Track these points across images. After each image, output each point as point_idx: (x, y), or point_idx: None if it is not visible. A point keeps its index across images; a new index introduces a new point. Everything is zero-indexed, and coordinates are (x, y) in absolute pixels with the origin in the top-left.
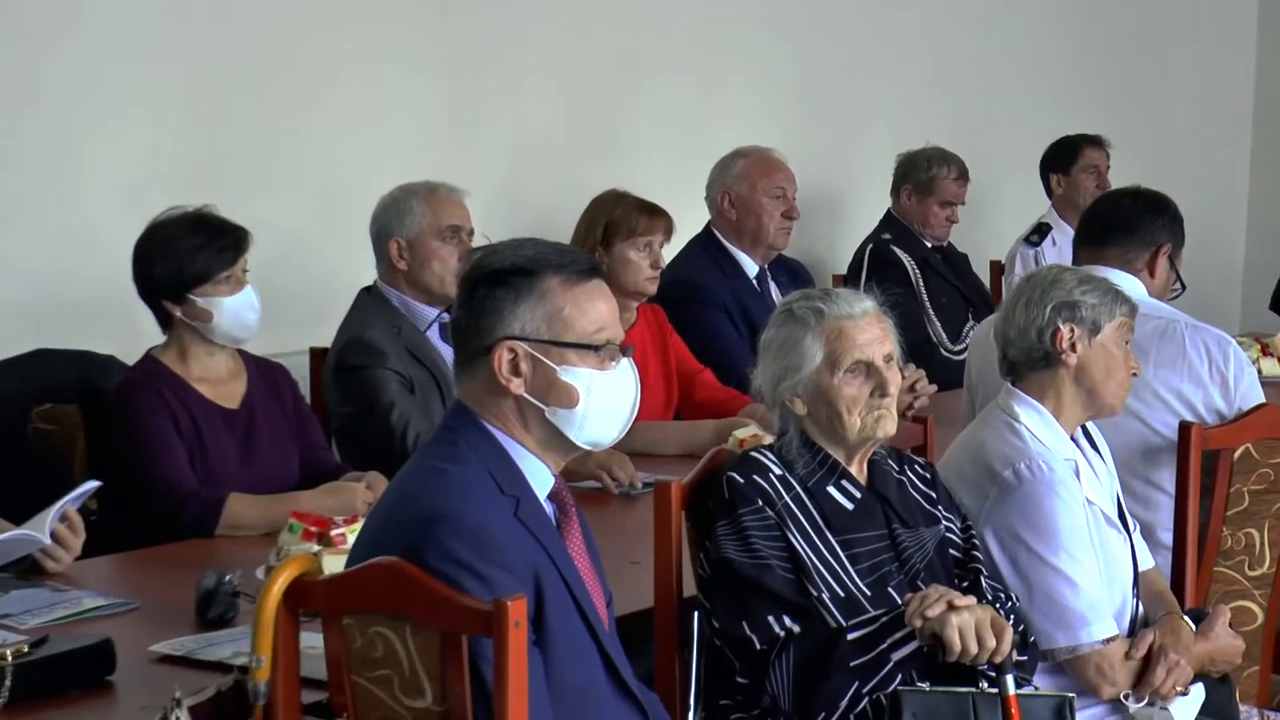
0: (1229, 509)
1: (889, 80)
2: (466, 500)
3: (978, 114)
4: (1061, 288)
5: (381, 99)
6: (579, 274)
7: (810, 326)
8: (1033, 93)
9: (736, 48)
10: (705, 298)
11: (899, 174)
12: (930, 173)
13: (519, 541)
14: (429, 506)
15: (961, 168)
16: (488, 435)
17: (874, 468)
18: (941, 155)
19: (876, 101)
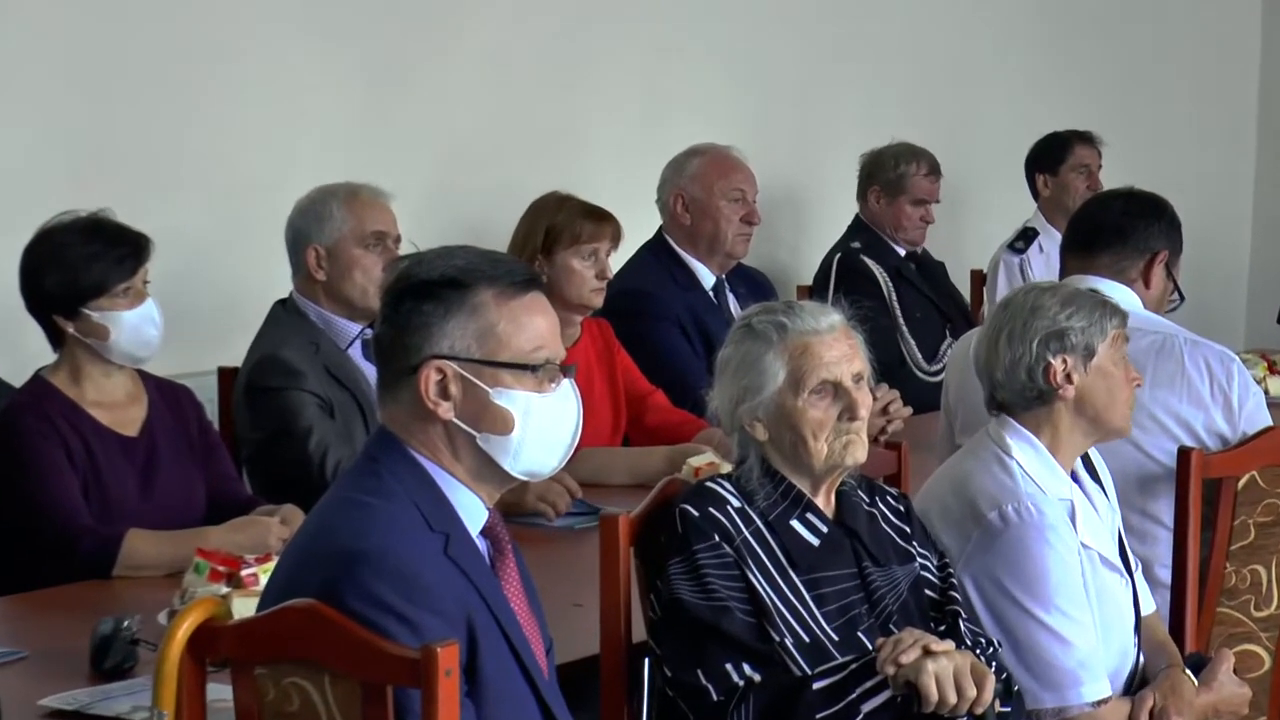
0: (1233, 543)
1: (859, 71)
2: (391, 536)
3: (958, 109)
4: (1044, 315)
5: (297, 91)
6: (515, 286)
7: (772, 343)
8: (1019, 85)
9: (690, 37)
10: (657, 311)
11: (864, 175)
12: (898, 170)
13: (449, 582)
14: (350, 543)
15: (932, 162)
16: (414, 464)
17: (842, 499)
18: (909, 151)
19: (845, 95)
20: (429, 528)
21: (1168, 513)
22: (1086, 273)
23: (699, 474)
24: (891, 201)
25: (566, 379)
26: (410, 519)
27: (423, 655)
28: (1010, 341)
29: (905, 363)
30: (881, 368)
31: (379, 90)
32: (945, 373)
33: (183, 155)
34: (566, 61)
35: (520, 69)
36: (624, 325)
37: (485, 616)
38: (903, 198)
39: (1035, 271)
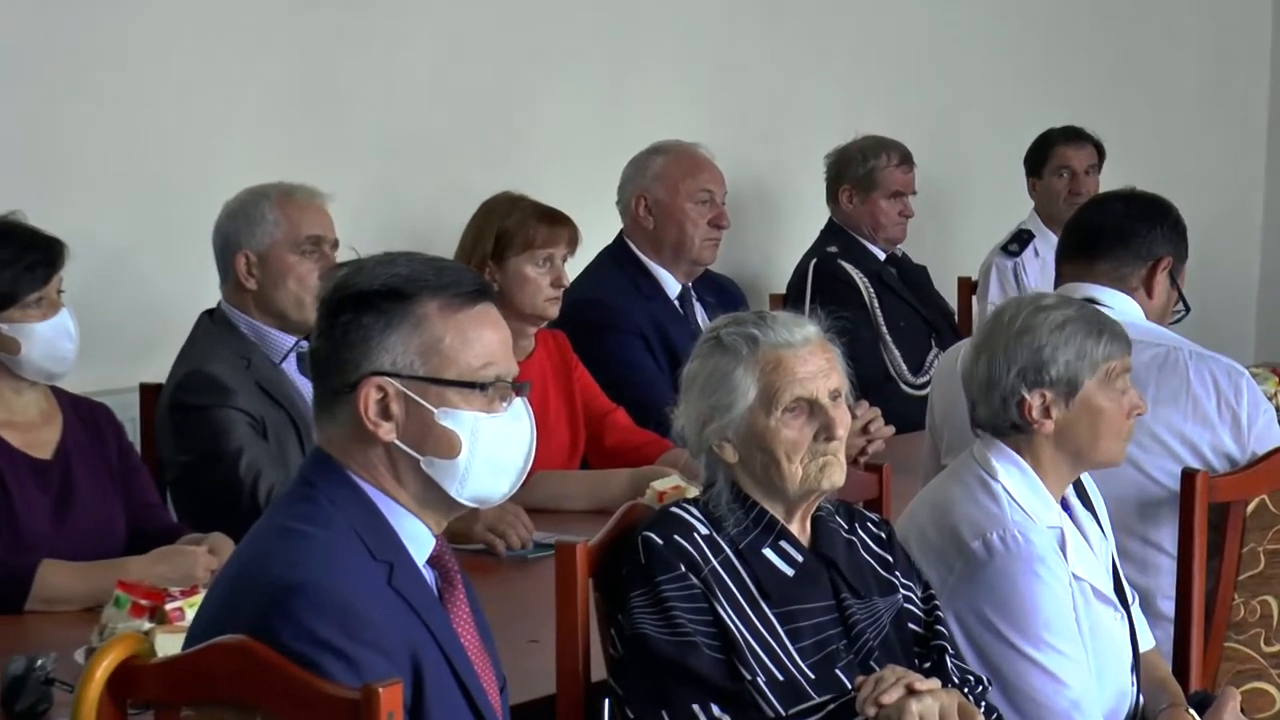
0: (1241, 572)
1: (834, 62)
2: (330, 567)
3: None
4: (1030, 339)
5: (224, 81)
6: (463, 296)
7: (742, 357)
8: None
9: (653, 26)
10: (617, 322)
11: (832, 176)
12: (867, 165)
13: (393, 616)
14: (284, 574)
15: (903, 152)
16: (354, 489)
17: (819, 526)
18: (876, 143)
19: (820, 88)
20: (371, 557)
21: (1171, 540)
22: (1083, 280)
23: (663, 498)
24: (865, 199)
25: (519, 398)
26: (350, 548)
27: (364, 695)
28: (991, 363)
29: (889, 377)
30: (862, 382)
31: (314, 82)
32: (930, 388)
33: (97, 152)
34: (519, 51)
35: (469, 58)
36: (582, 338)
37: (432, 653)
38: (876, 193)
39: (1030, 277)
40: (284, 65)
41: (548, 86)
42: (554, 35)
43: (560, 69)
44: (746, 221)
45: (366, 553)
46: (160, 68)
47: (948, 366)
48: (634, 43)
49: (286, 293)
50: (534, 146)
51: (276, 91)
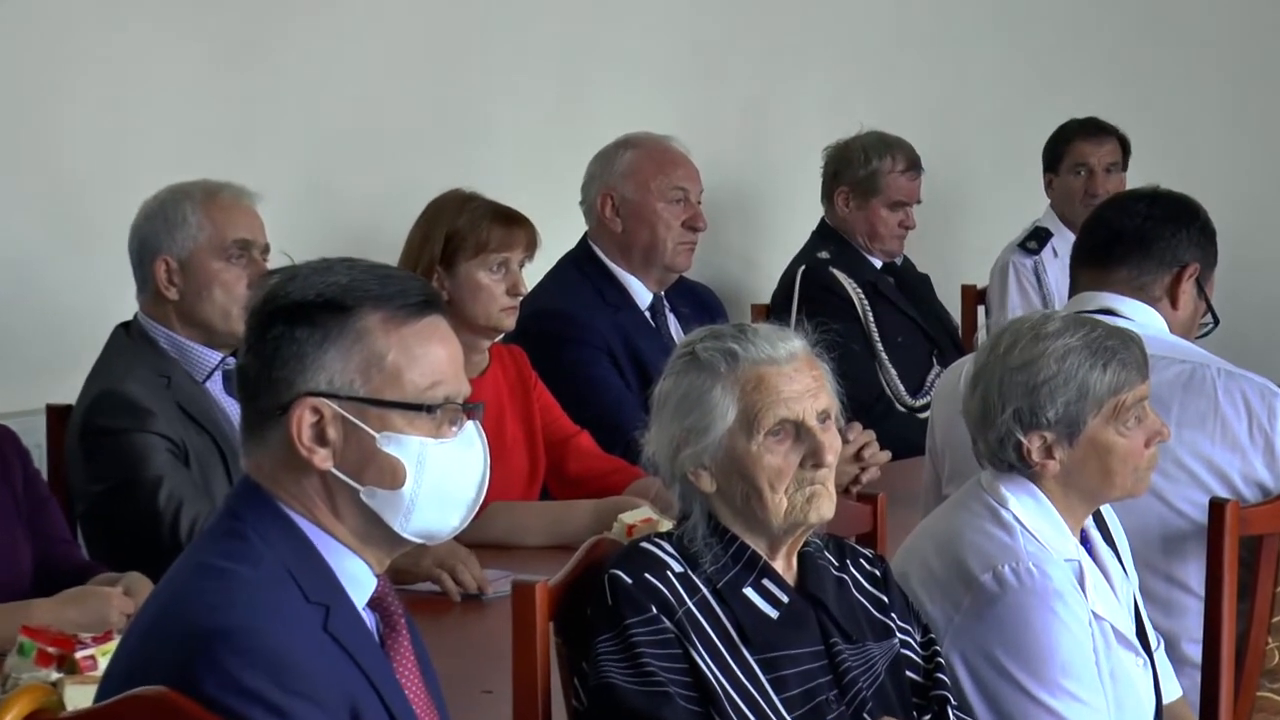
0: (1276, 614)
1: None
2: (259, 610)
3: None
4: (1026, 376)
5: (139, 69)
6: (408, 308)
7: (720, 374)
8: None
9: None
10: (581, 335)
11: (829, 173)
12: (870, 167)
13: (330, 664)
14: (208, 619)
15: (910, 156)
16: (286, 523)
17: (806, 563)
18: (881, 142)
19: (809, 75)
20: (305, 599)
21: (1197, 578)
22: (1100, 289)
23: (633, 532)
24: (863, 204)
25: (470, 421)
26: (282, 589)
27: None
28: (985, 399)
29: (883, 397)
30: (854, 404)
31: (243, 67)
32: (931, 409)
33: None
34: (472, 34)
35: (417, 41)
36: (542, 352)
37: (373, 705)
38: (876, 200)
39: (1052, 278)
40: (208, 47)
41: (503, 73)
42: (510, 15)
43: (517, 53)
44: (725, 223)
45: (300, 594)
46: (64, 48)
47: (949, 385)
48: (600, 26)
49: (211, 303)
50: (488, 139)
51: (200, 77)
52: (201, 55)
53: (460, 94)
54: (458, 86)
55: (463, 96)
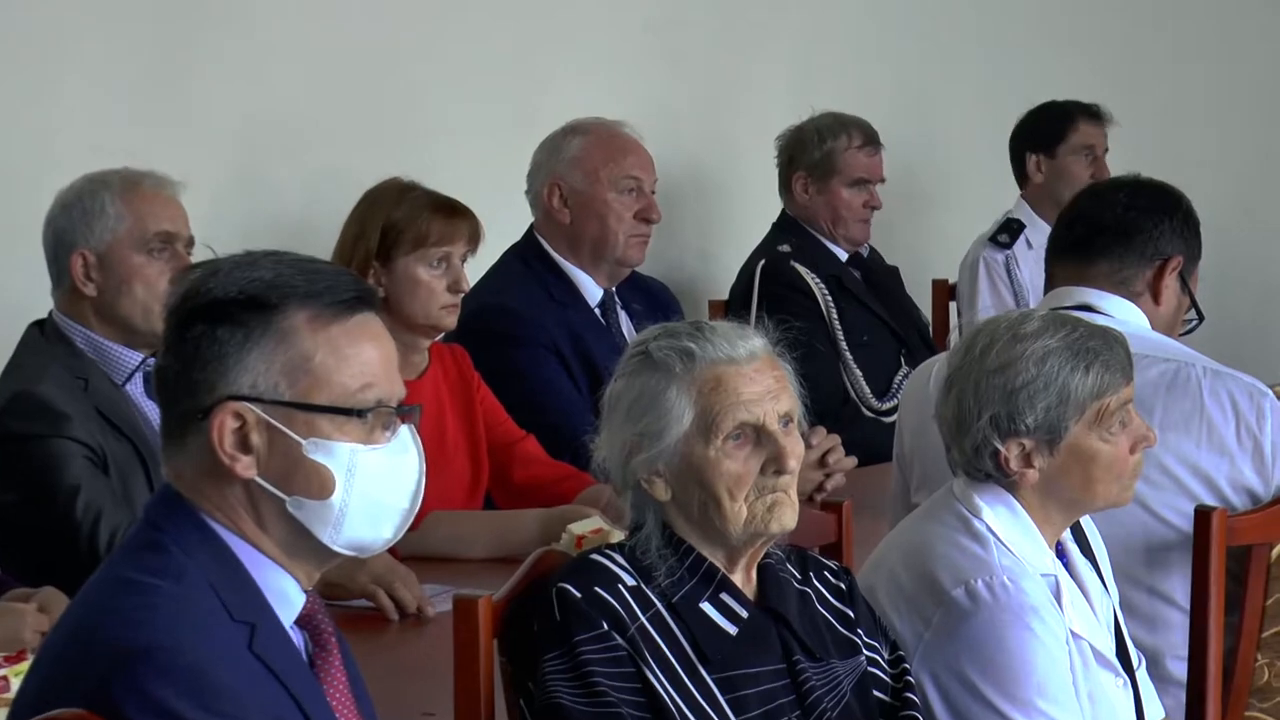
0: (1265, 629)
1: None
2: (180, 628)
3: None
4: (1003, 380)
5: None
6: (338, 305)
7: (675, 375)
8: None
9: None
10: (527, 334)
11: (784, 161)
12: (825, 147)
13: (255, 685)
14: (127, 637)
15: (867, 131)
16: (209, 535)
17: (767, 576)
18: (835, 122)
19: (771, 55)
20: (229, 616)
21: (1182, 591)
22: (1079, 284)
23: (582, 544)
24: (822, 188)
25: (405, 425)
26: (205, 605)
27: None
28: (961, 403)
29: (849, 399)
30: (818, 406)
31: (165, 48)
32: (899, 412)
33: None
34: (405, 13)
35: (349, 20)
36: (485, 352)
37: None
38: (835, 180)
39: (1025, 272)
40: (128, 26)
41: (443, 53)
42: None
43: (458, 32)
44: (681, 215)
45: (224, 611)
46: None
47: (919, 387)
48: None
49: (132, 300)
50: (427, 125)
51: (119, 59)
52: (122, 38)
53: (397, 76)
54: (394, 68)
55: (400, 78)
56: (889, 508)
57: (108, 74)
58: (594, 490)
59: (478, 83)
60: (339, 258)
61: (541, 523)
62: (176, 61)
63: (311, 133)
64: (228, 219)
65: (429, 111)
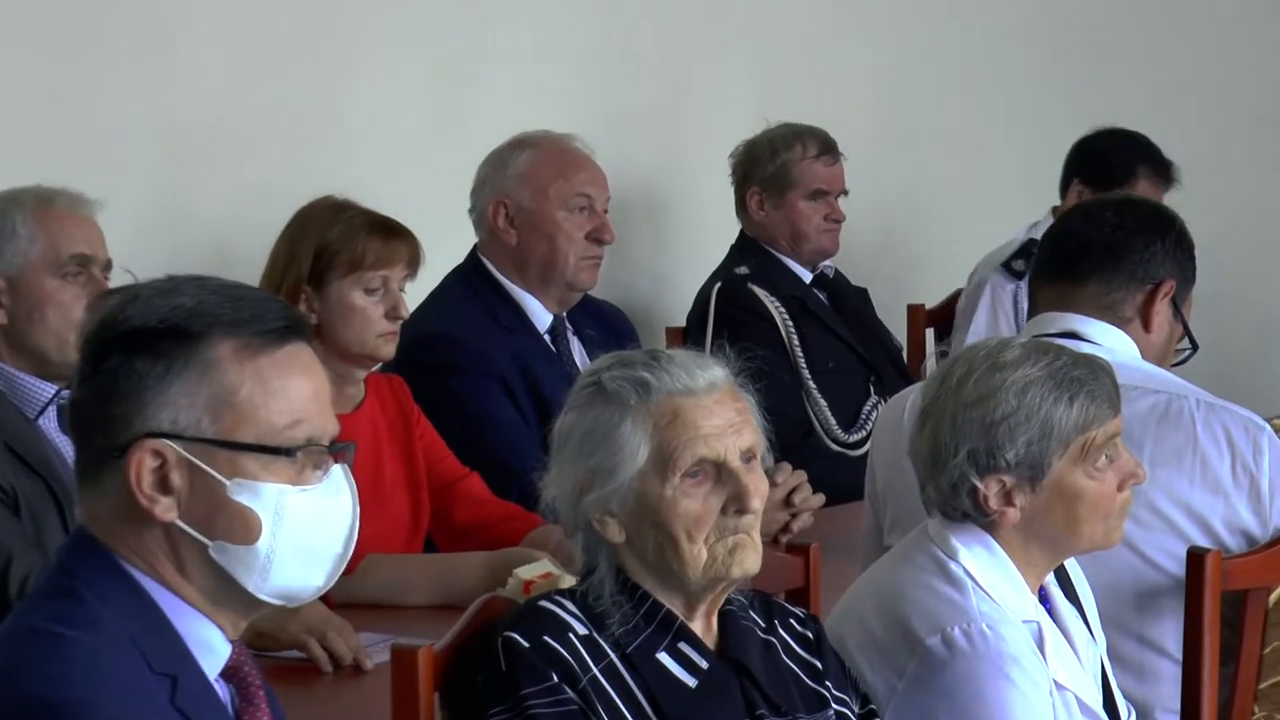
0: (1263, 680)
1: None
2: (96, 682)
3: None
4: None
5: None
6: (266, 335)
7: (630, 408)
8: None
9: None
10: (471, 364)
11: (738, 178)
12: (779, 160)
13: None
14: (38, 691)
15: (824, 140)
16: (127, 582)
17: (728, 624)
18: (788, 132)
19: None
20: (149, 669)
21: (1174, 639)
22: (1064, 308)
23: (530, 589)
24: (779, 202)
25: (338, 465)
26: (123, 657)
27: None
28: (936, 437)
29: (812, 431)
30: (782, 440)
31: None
32: (870, 447)
33: None
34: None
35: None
36: (426, 383)
37: None
38: (792, 194)
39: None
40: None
41: (380, 62)
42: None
43: (396, 41)
44: (634, 235)
45: (143, 663)
46: None
47: (892, 420)
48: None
49: (44, 328)
50: (363, 139)
51: (29, 69)
52: (32, 48)
53: (332, 89)
54: (328, 77)
55: (334, 92)
56: (860, 550)
57: (16, 84)
58: (543, 531)
59: (417, 94)
60: (268, 282)
61: (486, 567)
62: (91, 70)
63: (238, 147)
64: (148, 240)
65: (365, 124)
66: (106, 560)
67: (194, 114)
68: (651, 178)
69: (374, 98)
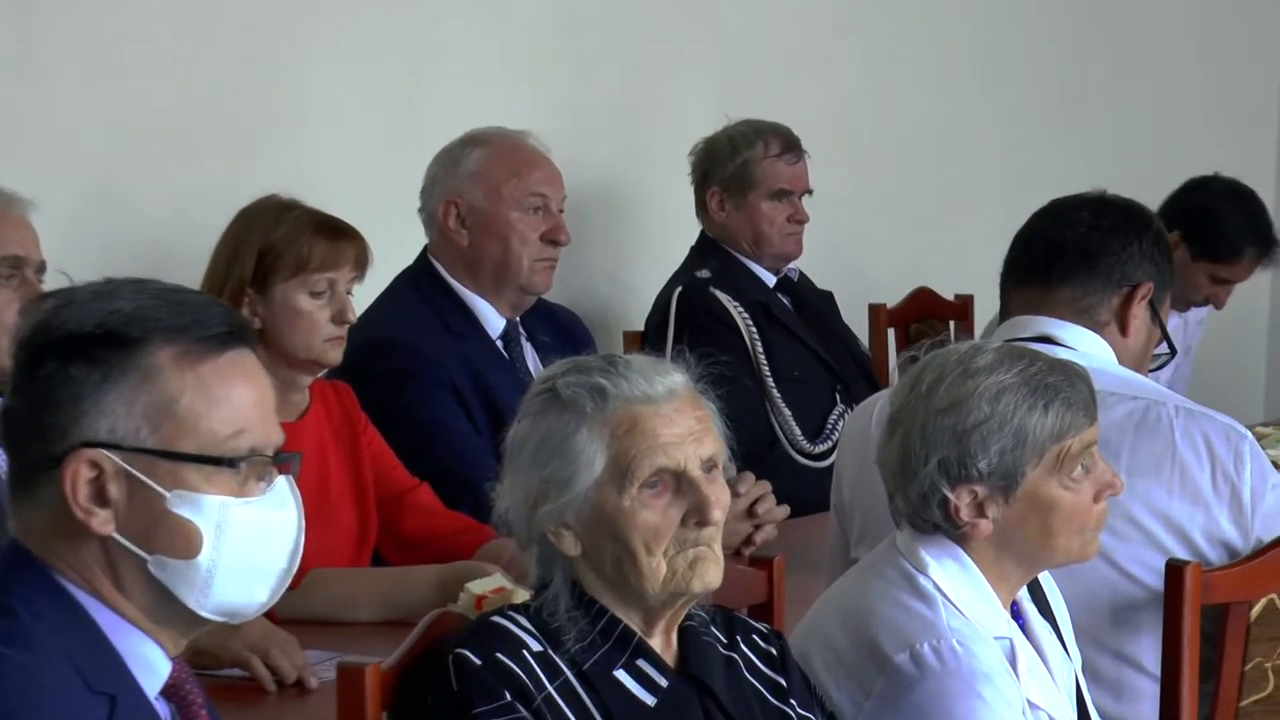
0: (1245, 697)
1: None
2: (30, 701)
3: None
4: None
5: None
6: (207, 341)
7: (586, 415)
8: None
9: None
10: (420, 370)
11: (698, 177)
12: (740, 158)
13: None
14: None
15: (787, 138)
16: (63, 598)
17: (689, 640)
18: (750, 130)
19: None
20: (86, 688)
21: (1152, 655)
22: (1038, 312)
23: (482, 604)
24: (740, 203)
25: (283, 476)
26: (59, 675)
27: None
28: (906, 446)
29: (777, 442)
30: (743, 449)
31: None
32: (837, 457)
33: None
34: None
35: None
36: (374, 391)
37: None
38: (754, 194)
39: None
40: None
41: (327, 55)
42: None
43: (345, 36)
44: (591, 236)
45: (80, 682)
46: None
47: (859, 428)
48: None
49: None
50: (309, 136)
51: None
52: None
53: (276, 84)
54: (273, 70)
55: (278, 87)
56: (825, 563)
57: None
58: (495, 544)
59: (368, 90)
60: (210, 285)
61: (437, 581)
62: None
63: (182, 145)
64: (85, 241)
65: (311, 120)
66: (42, 575)
67: (136, 111)
68: (609, 176)
69: (323, 93)
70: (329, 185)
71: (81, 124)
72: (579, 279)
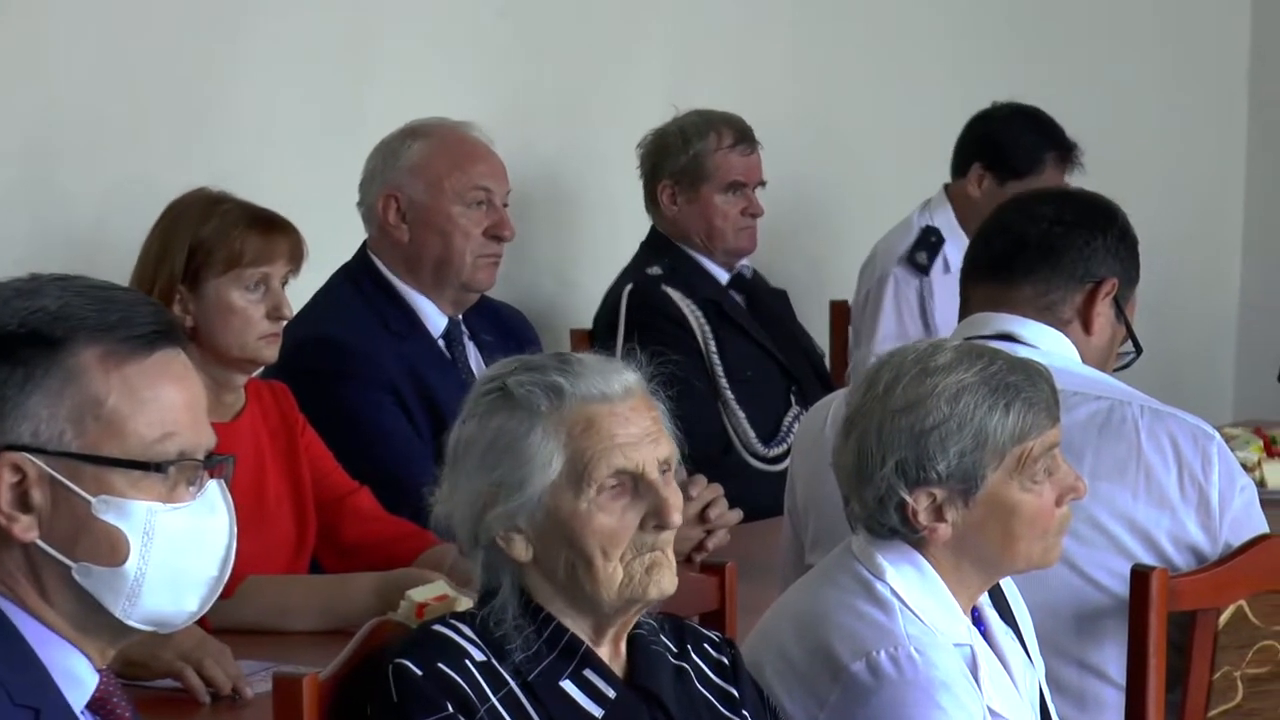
0: (1213, 707)
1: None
2: None
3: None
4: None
5: None
6: (134, 340)
7: (541, 415)
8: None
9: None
10: (359, 369)
11: (647, 170)
12: (691, 150)
13: None
14: None
15: (739, 128)
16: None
17: (638, 649)
18: (701, 120)
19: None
20: (9, 700)
21: (1117, 663)
22: (999, 308)
23: (424, 613)
24: (692, 196)
25: (214, 480)
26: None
27: None
28: (861, 448)
29: (730, 445)
30: (695, 453)
31: None
32: (790, 460)
33: None
34: None
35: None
36: (311, 391)
37: None
38: (706, 187)
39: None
40: None
41: (259, 43)
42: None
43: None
44: (536, 232)
45: (3, 694)
46: None
47: (814, 430)
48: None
49: None
50: (240, 126)
51: None
52: None
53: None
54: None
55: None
56: (779, 570)
57: None
58: (437, 551)
59: (300, 78)
60: (138, 281)
61: (376, 588)
62: None
63: (110, 136)
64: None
65: (243, 110)
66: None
67: (62, 101)
68: (555, 169)
69: (254, 81)
70: (266, 179)
71: (4, 117)
72: (524, 276)
